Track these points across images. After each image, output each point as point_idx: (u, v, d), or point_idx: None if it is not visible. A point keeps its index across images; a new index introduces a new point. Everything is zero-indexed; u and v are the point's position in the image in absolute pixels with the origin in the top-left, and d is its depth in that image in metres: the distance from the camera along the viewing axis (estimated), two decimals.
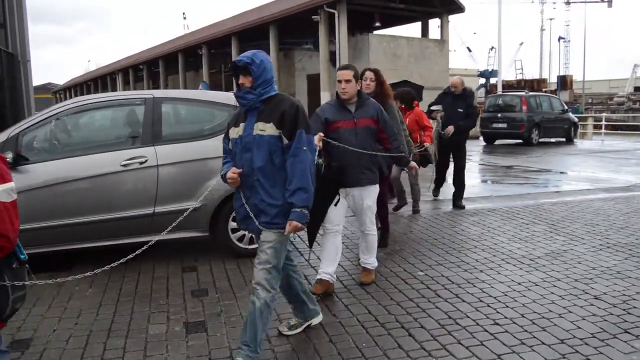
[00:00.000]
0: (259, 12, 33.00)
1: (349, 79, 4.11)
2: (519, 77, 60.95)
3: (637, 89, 54.80)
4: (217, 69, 35.49)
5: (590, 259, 4.97)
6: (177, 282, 4.56)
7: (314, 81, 27.42)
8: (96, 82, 59.64)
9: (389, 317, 3.75)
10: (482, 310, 3.84)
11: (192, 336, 3.52)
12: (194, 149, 4.99)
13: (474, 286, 4.32)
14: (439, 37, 29.67)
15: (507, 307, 3.89)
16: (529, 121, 18.25)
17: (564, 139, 19.84)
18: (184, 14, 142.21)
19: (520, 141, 18.70)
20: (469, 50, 63.21)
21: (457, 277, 4.55)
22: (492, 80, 47.37)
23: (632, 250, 5.25)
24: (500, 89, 30.12)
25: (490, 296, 4.10)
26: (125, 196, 4.80)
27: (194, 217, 4.77)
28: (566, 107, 21.28)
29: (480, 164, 13.58)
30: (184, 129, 5.41)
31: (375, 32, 30.40)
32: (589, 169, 12.27)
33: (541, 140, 18.81)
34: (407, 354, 3.22)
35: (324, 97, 24.32)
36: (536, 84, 45.81)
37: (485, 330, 3.51)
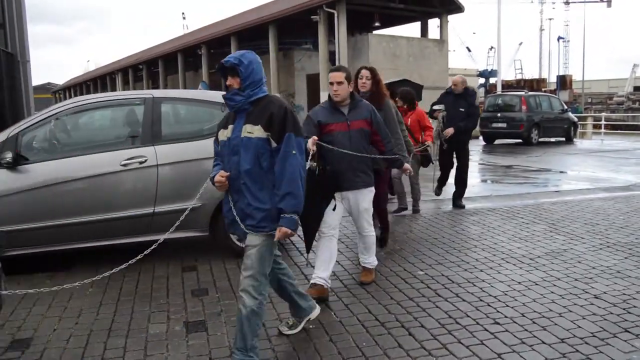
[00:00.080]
0: (259, 12, 33.00)
1: (340, 81, 4.03)
2: (519, 77, 61.05)
3: (636, 89, 54.83)
4: (216, 69, 35.50)
5: (590, 258, 4.97)
6: (177, 282, 4.55)
7: (314, 81, 27.42)
8: (95, 82, 59.61)
9: (389, 317, 3.75)
10: (482, 309, 3.84)
11: (192, 335, 3.52)
12: (193, 148, 4.98)
13: (474, 285, 4.33)
14: (439, 37, 29.68)
15: (507, 306, 3.89)
16: (529, 121, 18.26)
17: (564, 139, 19.86)
18: (183, 14, 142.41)
19: (519, 141, 18.71)
20: (469, 50, 63.36)
21: (457, 276, 4.55)
22: (492, 80, 47.40)
23: (632, 249, 5.26)
24: (499, 88, 30.15)
25: (490, 295, 4.10)
26: (124, 196, 4.79)
27: (194, 217, 4.77)
28: (566, 107, 21.30)
29: (480, 164, 13.58)
30: (183, 128, 5.41)
31: (374, 32, 30.41)
32: (589, 168, 12.27)
33: (541, 139, 18.82)
34: (407, 353, 3.22)
35: (324, 97, 24.22)
36: (535, 84, 45.79)
37: (485, 329, 3.52)
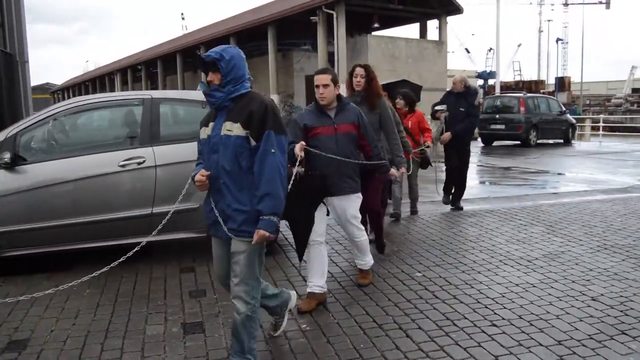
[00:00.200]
0: (258, 12, 33.02)
1: (326, 84, 3.93)
2: (517, 78, 61.16)
3: (634, 91, 54.95)
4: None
5: (587, 261, 4.98)
6: (175, 283, 4.55)
7: (313, 82, 27.38)
8: (94, 82, 59.59)
9: (386, 318, 3.75)
10: (480, 311, 3.85)
11: (190, 337, 3.51)
12: (192, 149, 4.94)
13: (472, 287, 4.33)
14: (437, 38, 29.72)
15: (504, 308, 3.90)
16: (527, 122, 18.28)
17: (562, 141, 19.89)
18: (182, 14, 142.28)
19: (518, 142, 18.73)
20: (467, 51, 63.34)
21: (455, 278, 4.56)
22: (490, 81, 47.46)
23: (630, 251, 5.26)
24: (498, 90, 30.19)
25: (488, 297, 4.11)
26: (123, 196, 4.79)
27: (191, 218, 4.77)
28: (564, 109, 21.33)
29: (478, 165, 13.60)
30: (182, 129, 5.40)
31: (373, 33, 30.46)
32: (587, 170, 12.29)
33: (539, 141, 18.84)
34: (404, 355, 3.22)
35: None
36: (534, 86, 45.87)
37: (483, 331, 3.52)
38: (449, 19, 29.57)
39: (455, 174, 7.47)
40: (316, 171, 3.79)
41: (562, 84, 47.99)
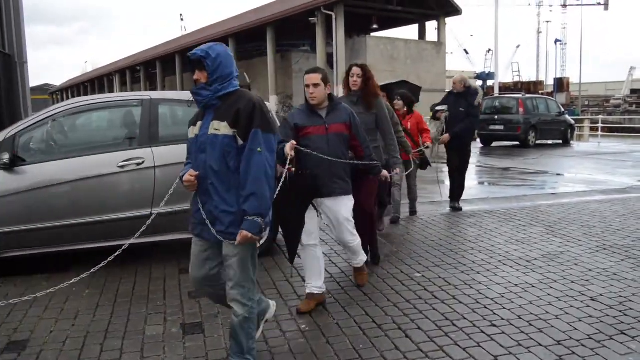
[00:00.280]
0: (257, 13, 33.03)
1: (317, 83, 3.84)
2: (516, 79, 61.26)
3: (633, 92, 55.10)
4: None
5: (586, 261, 4.98)
6: (174, 284, 4.55)
7: None
8: (93, 83, 59.59)
9: (386, 319, 3.75)
10: (479, 311, 3.85)
11: (189, 337, 3.51)
12: None
13: (471, 288, 4.33)
14: (436, 40, 29.76)
15: (504, 308, 3.90)
16: (526, 123, 18.30)
17: (561, 141, 19.90)
18: (181, 15, 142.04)
19: (517, 143, 18.74)
20: (466, 52, 63.45)
21: (454, 278, 4.56)
22: (489, 82, 47.50)
23: (629, 252, 5.27)
24: (497, 91, 30.21)
25: (487, 298, 4.11)
26: (122, 197, 4.79)
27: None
28: (563, 110, 21.37)
29: (477, 166, 13.61)
30: (181, 130, 5.37)
31: (372, 34, 30.49)
32: (586, 171, 12.31)
33: (538, 142, 18.87)
34: (404, 355, 3.22)
35: None
36: (533, 86, 45.90)
37: (482, 331, 3.52)
38: (448, 20, 29.64)
39: (455, 175, 7.47)
40: (307, 170, 3.73)
41: (560, 85, 48.05)
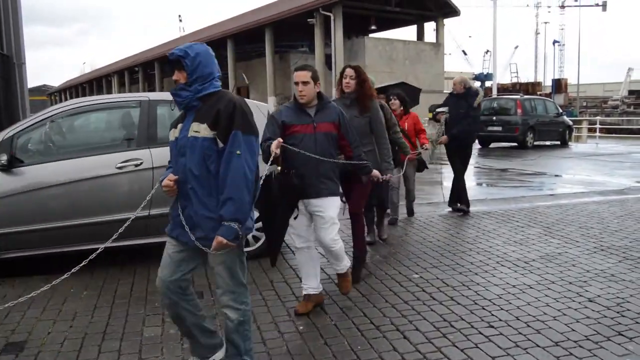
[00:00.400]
0: (255, 14, 33.04)
1: (306, 81, 3.72)
2: (514, 80, 61.23)
3: (631, 93, 55.13)
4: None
5: (584, 262, 4.99)
6: None
7: None
8: (91, 84, 59.53)
9: (384, 320, 3.76)
10: (477, 312, 3.85)
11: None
12: None
13: (469, 289, 4.34)
14: (435, 41, 29.79)
15: (501, 309, 3.90)
16: (524, 124, 18.31)
17: (559, 142, 19.93)
18: (179, 16, 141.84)
19: (515, 144, 18.77)
20: (465, 53, 63.47)
21: (452, 279, 4.56)
22: (487, 83, 47.52)
23: (626, 253, 5.28)
24: (495, 92, 30.25)
25: (485, 299, 4.11)
26: (120, 198, 4.78)
27: None
28: (561, 111, 21.38)
29: (475, 167, 13.61)
30: None
31: (370, 35, 30.50)
32: (584, 172, 12.32)
33: (536, 143, 18.88)
34: (402, 357, 3.22)
35: None
36: (531, 87, 45.94)
37: (480, 332, 3.53)
38: (446, 21, 29.67)
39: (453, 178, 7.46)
40: (293, 170, 3.62)
41: (558, 86, 48.09)
